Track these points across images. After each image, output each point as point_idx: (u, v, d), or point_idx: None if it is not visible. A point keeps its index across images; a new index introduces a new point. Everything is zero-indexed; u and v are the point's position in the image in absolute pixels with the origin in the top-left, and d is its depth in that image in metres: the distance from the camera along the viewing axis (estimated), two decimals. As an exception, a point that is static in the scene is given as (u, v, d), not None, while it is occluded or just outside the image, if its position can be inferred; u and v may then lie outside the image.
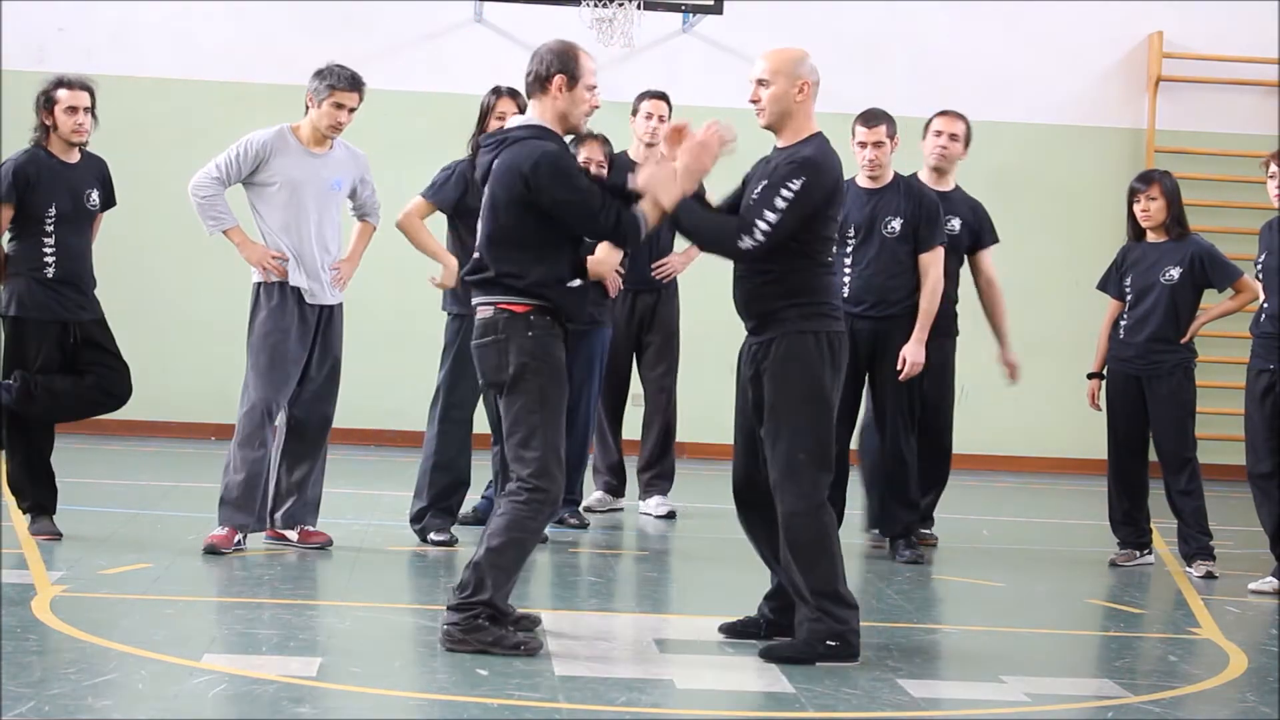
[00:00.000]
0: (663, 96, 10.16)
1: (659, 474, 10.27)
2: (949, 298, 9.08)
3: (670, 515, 10.08)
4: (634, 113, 10.16)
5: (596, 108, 6.55)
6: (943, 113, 9.33)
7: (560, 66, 6.43)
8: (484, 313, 6.41)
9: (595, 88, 6.54)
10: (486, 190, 6.47)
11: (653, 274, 10.05)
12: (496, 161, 6.43)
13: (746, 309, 6.59)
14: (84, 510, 9.09)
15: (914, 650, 6.79)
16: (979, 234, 9.27)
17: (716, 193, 6.93)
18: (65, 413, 8.40)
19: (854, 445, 9.10)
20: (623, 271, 9.84)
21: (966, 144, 9.29)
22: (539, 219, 6.34)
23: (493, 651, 6.19)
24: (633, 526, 9.78)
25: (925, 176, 9.24)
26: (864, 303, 8.84)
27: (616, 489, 10.31)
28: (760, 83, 6.56)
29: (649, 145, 10.06)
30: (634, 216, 6.39)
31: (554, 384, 6.34)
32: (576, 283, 6.43)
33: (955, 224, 9.15)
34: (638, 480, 10.32)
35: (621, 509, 10.26)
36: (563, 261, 6.40)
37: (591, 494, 10.23)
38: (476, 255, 6.49)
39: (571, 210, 6.33)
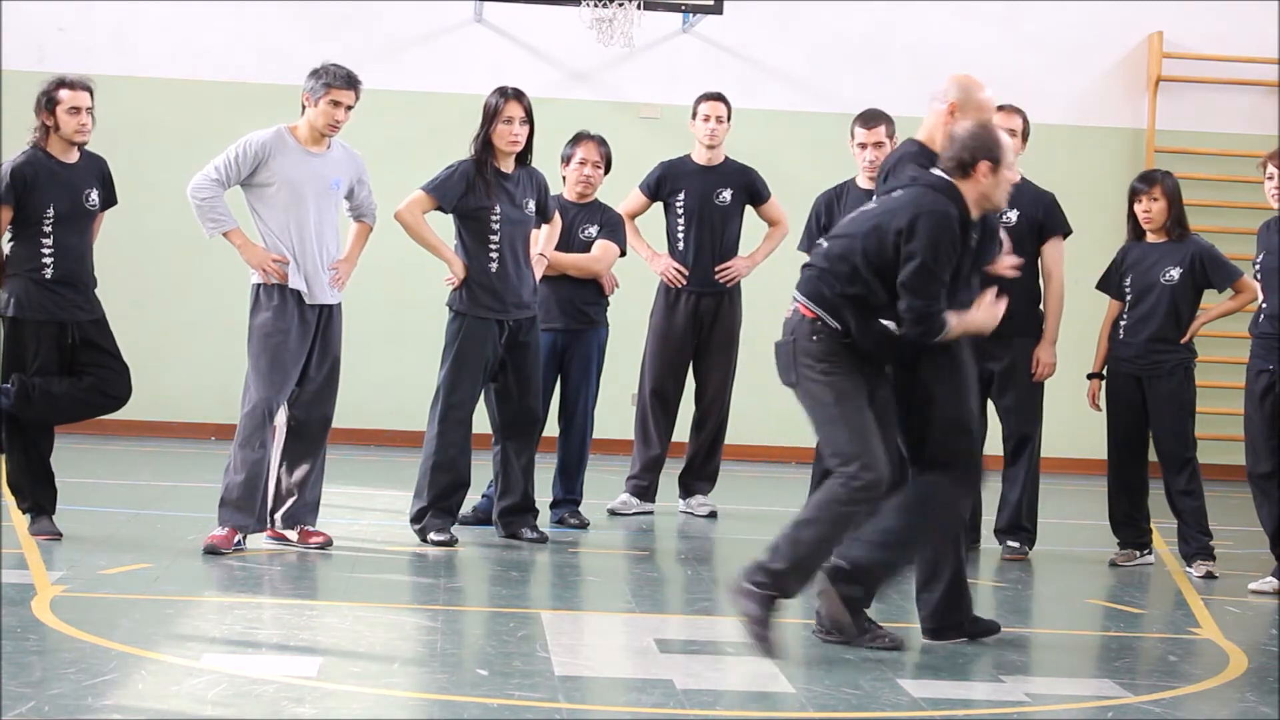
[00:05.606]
0: (720, 98, 10.14)
1: (704, 474, 10.23)
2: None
3: (712, 515, 10.07)
4: (693, 116, 10.14)
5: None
6: (1000, 108, 9.05)
7: (986, 152, 6.48)
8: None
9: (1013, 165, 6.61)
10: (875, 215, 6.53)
11: (717, 277, 10.03)
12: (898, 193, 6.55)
13: None
14: (84, 510, 9.09)
15: (914, 650, 6.79)
16: (1042, 225, 9.02)
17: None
18: (64, 415, 8.37)
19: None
20: (687, 273, 9.91)
21: (1025, 138, 9.05)
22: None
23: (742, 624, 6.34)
24: (634, 527, 9.76)
25: None
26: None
27: (645, 491, 10.12)
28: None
29: (709, 148, 10.05)
30: (944, 321, 6.44)
31: (825, 387, 6.42)
32: (889, 326, 6.46)
33: (1012, 216, 8.91)
34: (678, 481, 10.26)
35: (650, 513, 10.12)
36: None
37: (618, 496, 10.15)
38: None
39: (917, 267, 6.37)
